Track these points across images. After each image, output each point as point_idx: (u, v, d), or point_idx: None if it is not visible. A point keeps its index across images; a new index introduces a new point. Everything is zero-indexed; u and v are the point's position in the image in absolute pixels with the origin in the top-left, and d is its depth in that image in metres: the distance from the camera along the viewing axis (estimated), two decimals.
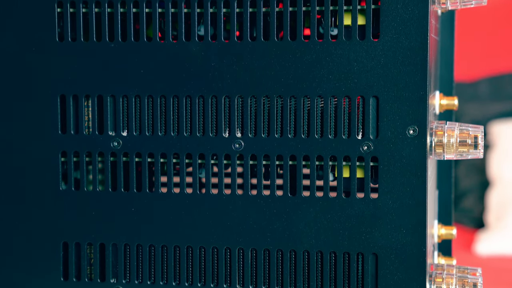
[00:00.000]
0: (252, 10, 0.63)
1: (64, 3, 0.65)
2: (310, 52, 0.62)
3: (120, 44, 0.65)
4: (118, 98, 0.65)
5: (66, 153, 0.66)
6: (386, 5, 0.61)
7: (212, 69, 0.64)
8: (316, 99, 0.63)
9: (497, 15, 1.97)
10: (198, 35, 0.64)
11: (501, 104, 1.86)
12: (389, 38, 0.61)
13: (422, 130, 0.61)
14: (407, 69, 0.61)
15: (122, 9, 0.65)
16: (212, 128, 0.64)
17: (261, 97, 0.63)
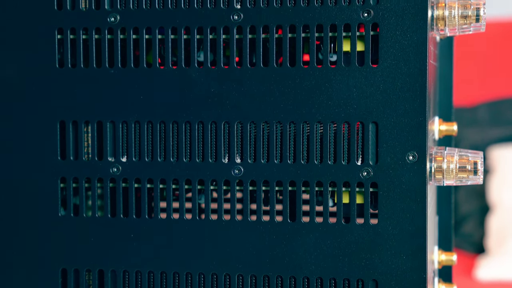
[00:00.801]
0: (252, 37, 0.63)
1: (64, 30, 0.65)
2: (310, 78, 0.62)
3: (120, 70, 0.65)
4: (118, 124, 0.65)
5: (65, 179, 0.66)
6: (384, 31, 0.61)
7: (211, 95, 0.64)
8: (315, 124, 0.63)
9: (495, 41, 1.98)
10: (198, 61, 0.64)
11: (501, 129, 1.87)
12: (388, 64, 0.61)
13: (421, 156, 0.61)
14: (406, 95, 0.61)
15: (122, 35, 0.65)
16: (211, 154, 0.64)
17: (261, 123, 0.63)
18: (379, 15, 0.61)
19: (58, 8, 0.65)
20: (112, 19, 0.65)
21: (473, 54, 1.96)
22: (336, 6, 0.62)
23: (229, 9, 0.63)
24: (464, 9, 0.63)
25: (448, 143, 0.80)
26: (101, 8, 0.65)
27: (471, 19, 0.63)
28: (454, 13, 0.63)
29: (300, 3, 0.62)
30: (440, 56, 0.81)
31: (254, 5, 0.63)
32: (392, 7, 0.60)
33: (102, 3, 0.65)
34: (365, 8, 0.61)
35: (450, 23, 0.63)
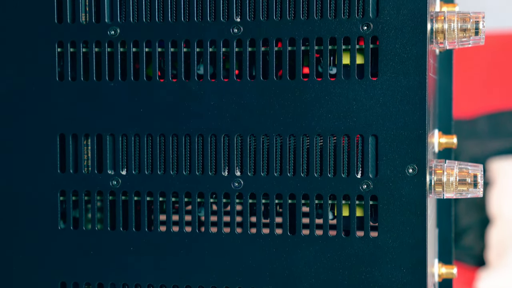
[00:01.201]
0: (251, 50, 0.64)
1: (64, 43, 0.65)
2: (309, 91, 0.63)
3: (120, 83, 0.65)
4: (118, 137, 0.65)
5: (65, 192, 0.66)
6: (384, 44, 0.61)
7: (211, 108, 0.64)
8: (315, 137, 0.63)
9: (495, 53, 1.98)
10: (198, 74, 0.64)
11: (500, 141, 1.87)
12: (388, 77, 0.61)
13: (421, 169, 0.61)
14: (406, 108, 0.61)
15: (122, 48, 0.65)
16: (211, 167, 0.64)
17: (260, 136, 0.63)
18: (378, 28, 0.61)
19: (58, 21, 0.65)
20: (112, 32, 0.65)
21: (472, 66, 1.96)
22: (336, 19, 0.62)
23: (228, 22, 0.63)
24: (463, 22, 0.63)
25: (448, 155, 0.80)
26: (101, 22, 0.65)
27: (470, 32, 0.63)
28: (453, 26, 0.63)
29: (300, 16, 0.62)
30: (439, 69, 0.81)
31: (254, 18, 0.63)
32: (391, 20, 0.61)
33: (102, 17, 0.65)
34: (364, 21, 0.61)
35: (450, 36, 0.63)
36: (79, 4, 0.65)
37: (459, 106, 1.77)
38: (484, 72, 1.99)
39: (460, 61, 1.22)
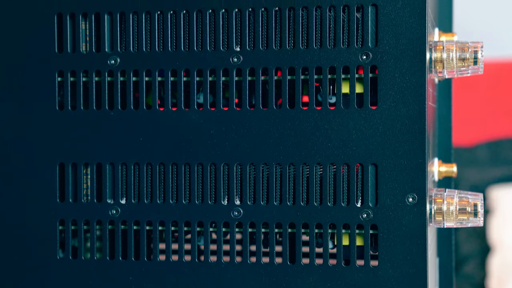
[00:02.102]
0: (251, 79, 0.64)
1: (64, 72, 0.66)
2: (309, 120, 0.63)
3: (119, 112, 0.65)
4: (117, 166, 0.65)
5: (64, 222, 0.66)
6: (383, 74, 0.61)
7: (211, 136, 0.64)
8: (315, 166, 0.63)
9: (494, 81, 1.99)
10: (198, 103, 0.65)
11: (500, 169, 1.87)
12: (387, 106, 0.61)
13: (421, 198, 0.61)
14: (406, 137, 0.61)
15: (122, 77, 0.65)
16: (211, 196, 0.64)
17: (260, 165, 0.63)
18: (377, 58, 0.61)
19: (59, 51, 0.66)
20: (112, 62, 0.65)
21: (471, 94, 1.97)
22: (335, 48, 0.62)
23: (228, 52, 0.63)
24: (462, 52, 0.63)
25: (447, 184, 0.80)
26: (102, 51, 0.65)
27: (469, 61, 0.63)
28: (452, 56, 0.63)
29: (299, 46, 0.62)
30: (439, 97, 0.81)
31: (254, 47, 0.63)
32: (390, 50, 0.61)
33: (103, 46, 0.65)
34: (363, 50, 0.62)
35: (448, 66, 0.63)
36: (80, 34, 0.65)
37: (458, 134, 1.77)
38: (483, 100, 2.00)
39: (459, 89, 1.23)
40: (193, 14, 0.64)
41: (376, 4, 0.61)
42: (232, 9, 0.63)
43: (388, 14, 0.61)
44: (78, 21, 0.65)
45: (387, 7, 0.61)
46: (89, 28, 0.65)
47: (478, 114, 1.99)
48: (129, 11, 0.65)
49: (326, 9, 0.62)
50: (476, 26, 2.04)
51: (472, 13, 2.04)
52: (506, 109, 1.98)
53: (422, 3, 0.60)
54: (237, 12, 0.63)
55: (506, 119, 1.97)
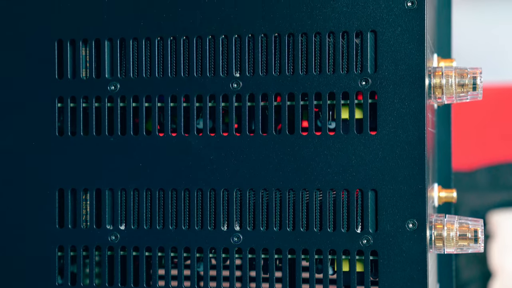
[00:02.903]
0: (251, 104, 0.64)
1: (64, 98, 0.66)
2: (308, 145, 0.63)
3: (119, 138, 0.65)
4: (117, 192, 0.65)
5: (63, 248, 0.66)
6: (383, 99, 0.61)
7: (210, 162, 0.64)
8: (314, 192, 0.63)
9: (493, 106, 1.99)
10: (197, 128, 0.65)
11: (500, 193, 1.86)
12: (387, 132, 0.61)
13: (421, 224, 0.61)
14: (405, 163, 0.61)
15: (122, 103, 0.65)
16: (210, 222, 0.64)
17: (260, 190, 0.63)
18: (377, 84, 0.61)
19: (59, 77, 0.66)
20: (112, 88, 0.65)
21: (471, 118, 1.97)
22: (335, 74, 0.62)
23: (228, 78, 0.64)
24: (461, 78, 0.64)
25: (447, 209, 0.80)
26: (102, 77, 0.65)
27: (468, 87, 0.64)
28: (451, 82, 0.63)
29: (299, 72, 0.63)
30: (438, 123, 0.81)
31: (253, 73, 0.63)
32: (389, 76, 0.61)
33: (103, 72, 0.65)
34: (363, 76, 0.62)
35: (448, 92, 0.63)
36: (80, 60, 0.66)
37: (458, 158, 1.77)
38: (483, 124, 2.00)
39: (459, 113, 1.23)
40: (193, 40, 0.64)
41: (375, 30, 0.61)
42: (232, 35, 0.64)
43: (387, 41, 0.61)
44: (78, 47, 0.66)
45: (386, 34, 0.61)
46: (89, 54, 0.66)
47: (477, 138, 1.99)
48: (129, 37, 0.65)
49: (325, 35, 0.62)
50: (475, 51, 2.05)
51: (471, 38, 2.05)
52: (505, 133, 1.98)
53: (421, 30, 0.61)
54: (236, 38, 0.64)
55: (506, 143, 1.97)
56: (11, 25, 0.66)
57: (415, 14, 0.61)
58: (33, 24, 0.66)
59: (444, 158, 0.81)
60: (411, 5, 0.61)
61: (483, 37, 2.10)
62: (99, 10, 0.65)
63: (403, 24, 0.61)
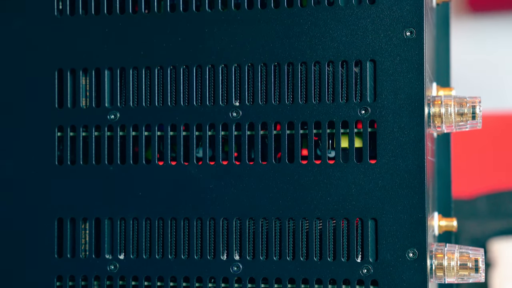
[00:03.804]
0: (250, 133, 0.64)
1: (64, 127, 0.66)
2: (308, 174, 0.63)
3: (119, 167, 0.65)
4: (116, 221, 0.65)
5: (62, 278, 0.66)
6: (382, 128, 0.61)
7: (210, 191, 0.64)
8: (314, 221, 0.62)
9: (493, 133, 2.00)
10: (197, 157, 0.65)
11: (501, 222, 1.86)
12: (386, 161, 0.61)
13: (421, 253, 0.60)
14: (405, 192, 0.61)
15: (121, 132, 0.65)
16: (210, 251, 0.64)
17: (259, 219, 0.63)
18: (376, 112, 0.62)
19: (59, 106, 0.66)
20: (112, 117, 0.65)
21: (470, 145, 1.97)
22: (334, 103, 0.62)
23: (228, 106, 0.64)
24: (460, 107, 0.64)
25: (448, 238, 0.80)
26: (102, 106, 0.65)
27: (467, 116, 0.64)
28: (450, 111, 0.63)
29: (298, 101, 0.63)
30: (438, 151, 0.81)
31: (253, 102, 0.64)
32: (389, 105, 0.61)
33: (103, 101, 0.65)
34: (362, 105, 0.62)
35: (447, 120, 0.64)
36: (80, 89, 0.66)
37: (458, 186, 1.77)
38: (483, 152, 2.00)
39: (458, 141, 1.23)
40: (193, 69, 0.64)
41: (374, 59, 0.62)
42: (231, 64, 0.64)
43: (386, 70, 0.61)
44: (78, 76, 0.66)
45: (385, 63, 0.61)
46: (89, 83, 0.66)
47: (477, 166, 1.99)
48: (129, 67, 0.65)
49: (324, 64, 0.63)
50: (474, 79, 2.06)
51: (470, 67, 2.06)
52: (505, 161, 1.98)
53: (419, 59, 0.61)
54: (236, 67, 0.64)
55: (506, 171, 1.97)
56: (12, 54, 0.67)
57: (414, 44, 0.61)
58: (33, 54, 0.66)
59: (444, 187, 0.81)
60: (410, 34, 0.61)
61: (483, 65, 2.11)
62: (100, 40, 0.65)
63: (402, 53, 0.61)
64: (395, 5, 0.61)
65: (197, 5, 0.65)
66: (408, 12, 0.61)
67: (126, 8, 0.65)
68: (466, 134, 1.90)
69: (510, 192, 1.92)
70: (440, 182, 0.81)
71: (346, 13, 0.62)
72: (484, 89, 2.05)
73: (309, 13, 0.63)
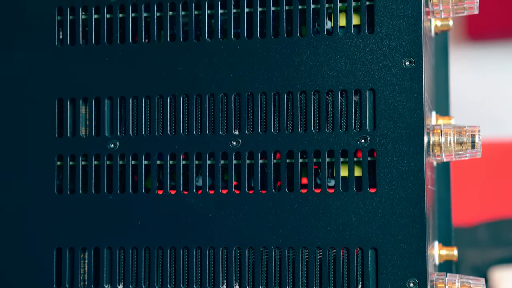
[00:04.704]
0: (250, 162, 0.64)
1: (64, 156, 0.66)
2: (308, 203, 0.62)
3: (118, 196, 0.65)
4: (115, 250, 0.65)
5: None
6: (382, 157, 0.61)
7: (209, 220, 0.64)
8: (314, 250, 0.62)
9: (492, 161, 2.00)
10: (196, 186, 0.65)
11: (501, 250, 1.85)
12: (386, 190, 0.61)
13: (422, 283, 0.60)
14: (405, 221, 0.61)
15: (121, 161, 0.65)
16: (209, 280, 0.64)
17: (259, 249, 0.63)
18: (376, 141, 0.62)
19: (58, 135, 0.66)
20: (112, 146, 0.65)
21: (471, 174, 1.97)
22: (333, 132, 0.62)
23: (227, 135, 0.64)
24: (459, 136, 0.64)
25: (448, 267, 0.80)
26: (101, 135, 0.65)
27: (467, 145, 0.64)
28: (449, 140, 0.64)
29: (298, 130, 0.63)
30: (437, 180, 0.81)
31: (252, 131, 0.64)
32: (388, 134, 0.61)
33: (102, 130, 0.65)
34: (362, 134, 0.62)
35: (446, 149, 0.64)
36: (80, 118, 0.66)
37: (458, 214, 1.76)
38: (483, 180, 2.00)
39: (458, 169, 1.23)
40: (193, 98, 0.64)
41: (373, 89, 0.62)
42: (231, 93, 0.64)
43: (385, 99, 0.61)
44: (78, 105, 0.66)
45: (385, 92, 0.62)
46: (89, 112, 0.66)
47: (477, 194, 1.98)
48: (129, 96, 0.65)
49: (324, 93, 0.63)
50: (474, 106, 2.07)
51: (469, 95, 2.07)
52: (505, 189, 1.98)
53: (419, 88, 0.61)
54: (235, 96, 0.64)
55: (506, 199, 1.97)
56: (12, 83, 0.67)
57: (413, 73, 0.61)
58: (34, 82, 0.66)
59: (444, 216, 0.80)
60: (409, 64, 0.61)
61: (482, 93, 2.12)
62: (100, 69, 0.66)
63: (401, 82, 0.61)
64: (394, 35, 0.62)
65: (197, 35, 0.65)
66: (407, 42, 0.62)
67: (126, 38, 0.66)
68: (465, 161, 1.90)
69: (511, 220, 1.92)
70: (440, 210, 0.80)
71: (345, 42, 0.63)
72: (483, 117, 2.05)
73: (308, 43, 0.63)
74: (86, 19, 0.67)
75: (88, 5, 0.66)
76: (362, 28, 0.62)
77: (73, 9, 0.67)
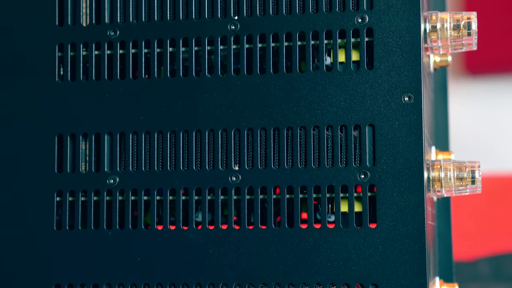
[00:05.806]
0: (250, 197, 0.64)
1: (63, 192, 0.66)
2: (308, 239, 0.62)
3: (117, 231, 0.65)
4: (114, 287, 0.64)
5: None
6: (382, 193, 0.61)
7: (209, 255, 0.63)
8: (314, 286, 0.62)
9: (492, 195, 1.99)
10: (196, 221, 0.64)
11: (503, 285, 1.84)
12: (386, 225, 0.61)
13: None
14: (406, 257, 0.60)
15: (121, 196, 0.65)
16: None
17: (259, 285, 0.63)
18: (375, 177, 0.62)
19: (58, 171, 0.66)
20: (111, 181, 0.65)
21: (471, 209, 1.97)
22: (333, 168, 0.62)
23: (227, 171, 0.64)
24: (459, 171, 0.64)
25: None
26: (101, 171, 0.65)
27: (467, 181, 0.64)
28: (449, 175, 0.63)
29: (298, 165, 0.63)
30: (438, 215, 0.81)
31: (252, 166, 0.64)
32: (388, 169, 0.61)
33: (102, 166, 0.65)
34: (361, 169, 0.62)
35: (446, 185, 0.63)
36: (80, 154, 0.66)
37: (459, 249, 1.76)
38: (483, 215, 2.00)
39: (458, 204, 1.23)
40: (192, 134, 0.65)
41: (373, 124, 0.62)
42: (231, 129, 0.64)
43: (385, 134, 0.62)
44: (78, 141, 0.66)
45: (384, 128, 0.62)
46: (89, 148, 0.66)
47: (478, 228, 1.98)
48: (129, 132, 0.65)
49: (323, 128, 0.63)
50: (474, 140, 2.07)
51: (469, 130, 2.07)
52: (506, 223, 1.97)
53: (418, 123, 0.61)
54: (235, 132, 0.64)
55: (507, 233, 1.96)
56: (12, 118, 0.67)
57: (412, 109, 0.61)
58: (33, 118, 0.66)
59: (444, 251, 0.80)
60: (408, 99, 0.62)
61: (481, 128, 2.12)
62: (100, 105, 0.66)
63: (400, 118, 0.61)
64: (393, 71, 0.62)
65: (197, 71, 0.66)
66: (406, 78, 0.62)
67: (126, 74, 0.66)
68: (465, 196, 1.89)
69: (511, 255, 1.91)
70: (440, 246, 0.80)
71: (344, 78, 0.63)
72: (483, 151, 2.06)
73: (308, 79, 0.63)
74: (86, 55, 0.67)
75: (88, 42, 0.67)
76: (362, 64, 0.63)
77: (73, 45, 0.67)
